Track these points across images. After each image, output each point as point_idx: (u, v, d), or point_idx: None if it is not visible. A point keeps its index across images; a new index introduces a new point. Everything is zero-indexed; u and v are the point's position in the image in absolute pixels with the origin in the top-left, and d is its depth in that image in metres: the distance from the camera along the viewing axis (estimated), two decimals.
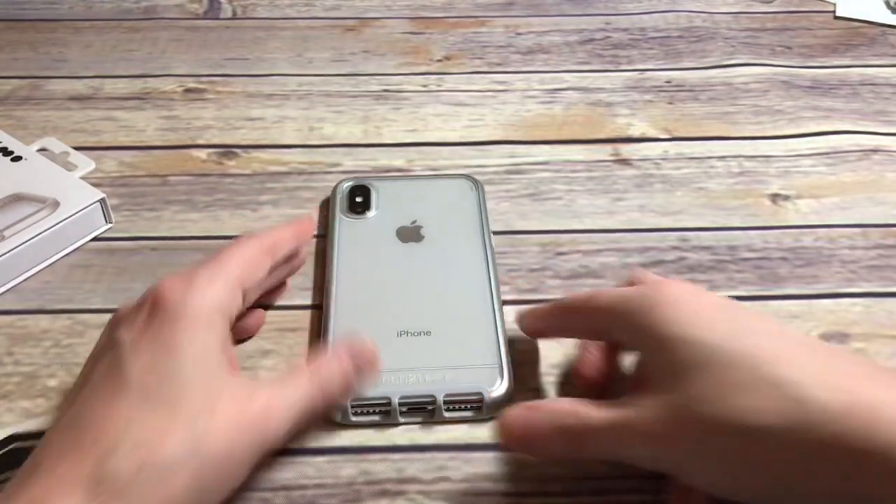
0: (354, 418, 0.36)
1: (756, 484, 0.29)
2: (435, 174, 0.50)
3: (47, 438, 0.30)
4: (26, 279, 0.43)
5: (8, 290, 0.43)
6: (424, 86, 0.57)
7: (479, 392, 0.36)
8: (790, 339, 0.31)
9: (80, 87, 0.57)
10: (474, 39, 0.62)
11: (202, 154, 0.51)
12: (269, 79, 0.58)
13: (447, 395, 0.36)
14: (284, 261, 0.39)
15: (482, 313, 0.40)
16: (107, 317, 0.41)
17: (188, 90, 0.56)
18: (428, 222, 0.45)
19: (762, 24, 0.64)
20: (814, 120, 0.55)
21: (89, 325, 0.41)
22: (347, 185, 0.47)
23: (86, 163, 0.50)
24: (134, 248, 0.45)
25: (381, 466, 0.35)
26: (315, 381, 0.34)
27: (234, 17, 0.64)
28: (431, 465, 0.35)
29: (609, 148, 0.52)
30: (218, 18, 0.64)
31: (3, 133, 0.50)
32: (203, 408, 0.30)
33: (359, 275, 0.42)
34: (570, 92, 0.57)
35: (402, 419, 0.37)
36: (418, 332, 0.39)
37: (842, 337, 0.41)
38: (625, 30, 0.63)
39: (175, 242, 0.46)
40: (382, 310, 0.40)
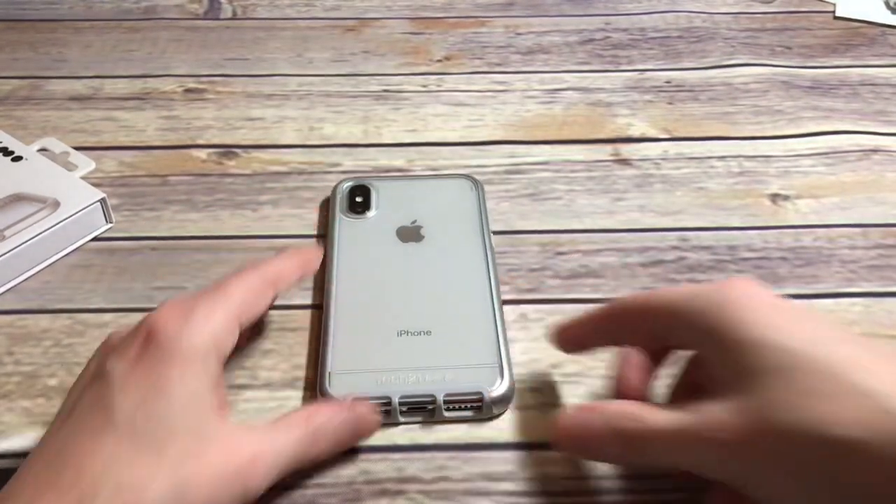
0: None
1: (834, 502, 0.27)
2: (435, 174, 0.50)
3: (27, 468, 0.30)
4: (26, 279, 0.43)
5: (8, 289, 0.43)
6: (424, 86, 0.57)
7: (479, 392, 0.37)
8: (876, 349, 0.29)
9: (80, 87, 0.57)
10: (474, 39, 0.62)
11: (202, 154, 0.51)
12: (270, 79, 0.58)
13: (447, 395, 0.36)
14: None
15: (482, 313, 0.40)
16: (107, 317, 0.42)
17: (188, 90, 0.56)
18: (428, 222, 0.45)
19: (762, 25, 0.64)
20: (814, 120, 0.55)
21: (89, 324, 0.41)
22: (347, 185, 0.47)
23: (86, 163, 0.50)
24: (134, 248, 0.45)
25: (381, 466, 0.35)
26: (308, 430, 0.33)
27: (234, 18, 0.64)
28: (431, 465, 0.35)
29: (609, 148, 0.52)
30: (218, 19, 0.64)
31: (4, 133, 0.50)
32: (190, 453, 0.30)
33: (359, 275, 0.42)
34: (570, 92, 0.57)
35: (402, 419, 0.37)
36: (418, 332, 0.39)
37: None
38: (625, 30, 0.63)
39: (175, 242, 0.46)
40: (382, 310, 0.40)
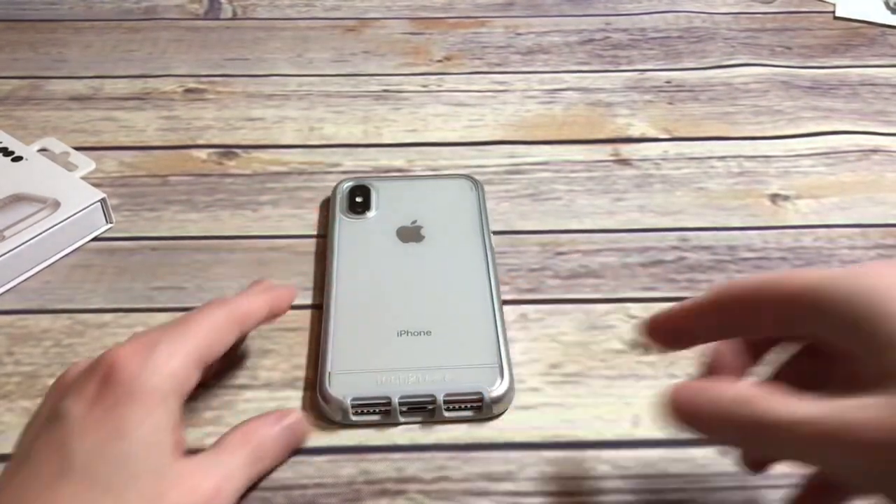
0: (354, 418, 0.36)
1: None
2: (435, 174, 0.50)
3: None
4: (27, 279, 0.43)
5: (8, 290, 0.43)
6: (424, 86, 0.57)
7: (479, 392, 0.37)
8: None
9: (80, 87, 0.57)
10: (474, 40, 0.62)
11: (202, 154, 0.51)
12: (270, 79, 0.58)
13: (447, 395, 0.36)
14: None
15: (482, 313, 0.40)
16: (107, 317, 0.42)
17: (188, 90, 0.56)
18: (428, 222, 0.45)
19: (762, 25, 0.64)
20: (813, 120, 0.55)
21: (89, 324, 0.41)
22: (347, 185, 0.47)
23: (86, 163, 0.50)
24: (134, 248, 0.45)
25: (381, 466, 0.35)
26: (250, 450, 0.33)
27: (234, 18, 0.64)
28: (431, 465, 0.35)
29: (609, 148, 0.52)
30: (218, 19, 0.64)
31: (4, 133, 0.50)
32: (152, 496, 0.29)
33: (359, 275, 0.42)
34: (570, 92, 0.57)
35: (402, 419, 0.37)
36: (418, 332, 0.39)
37: None
38: (625, 30, 0.63)
39: (175, 242, 0.46)
40: (382, 310, 0.40)
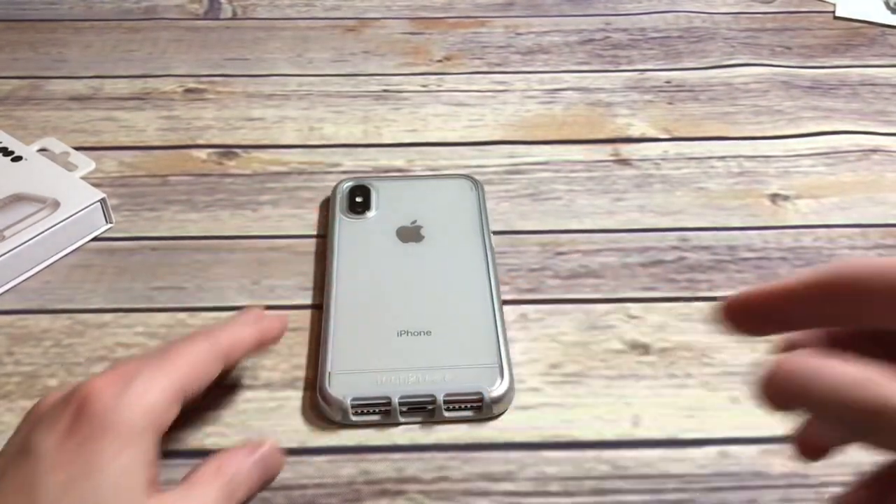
0: (354, 418, 0.36)
1: None
2: (435, 174, 0.50)
3: None
4: (27, 279, 0.43)
5: (8, 290, 0.43)
6: (424, 86, 0.57)
7: (479, 392, 0.37)
8: None
9: (80, 87, 0.57)
10: (474, 39, 0.62)
11: (202, 154, 0.51)
12: (270, 79, 0.58)
13: (447, 395, 0.36)
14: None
15: (482, 313, 0.40)
16: (107, 317, 0.42)
17: (188, 90, 0.56)
18: (428, 222, 0.45)
19: (762, 25, 0.64)
20: (813, 120, 0.55)
21: (89, 324, 0.41)
22: (347, 185, 0.47)
23: (86, 163, 0.50)
24: (134, 248, 0.45)
25: (381, 466, 0.35)
26: (223, 483, 0.31)
27: (234, 18, 0.64)
28: (431, 465, 0.35)
29: (609, 148, 0.52)
30: (218, 19, 0.64)
31: (3, 133, 0.50)
32: None
33: (359, 275, 0.42)
34: (569, 92, 0.57)
35: (402, 419, 0.37)
36: (418, 332, 0.39)
37: None
38: (625, 30, 0.63)
39: (175, 242, 0.46)
40: (382, 310, 0.40)
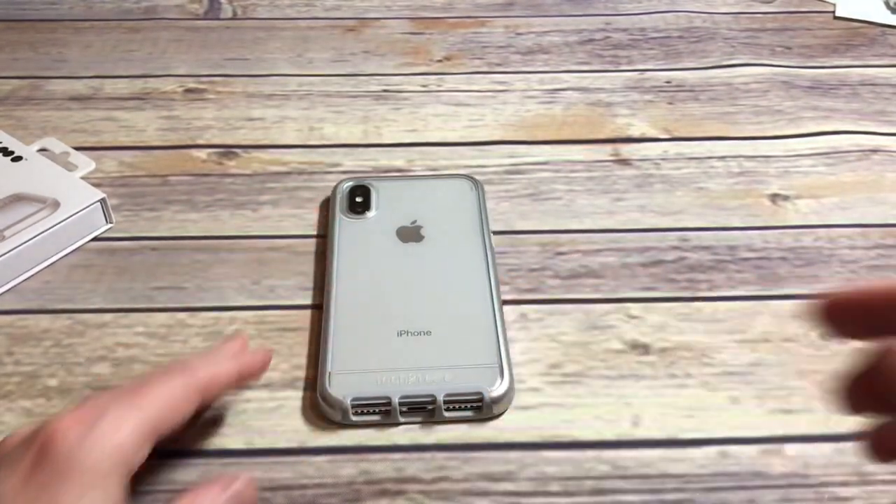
0: (354, 418, 0.36)
1: None
2: (435, 174, 0.50)
3: None
4: (27, 279, 0.43)
5: (8, 290, 0.43)
6: (424, 86, 0.57)
7: (479, 392, 0.37)
8: None
9: (80, 87, 0.57)
10: (474, 39, 0.62)
11: (202, 154, 0.51)
12: (270, 79, 0.58)
13: (447, 395, 0.36)
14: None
15: (482, 313, 0.40)
16: (107, 317, 0.42)
17: (188, 90, 0.56)
18: (428, 222, 0.45)
19: (762, 24, 0.64)
20: (814, 120, 0.55)
21: (89, 325, 0.41)
22: (347, 185, 0.47)
23: (86, 163, 0.50)
24: (134, 248, 0.45)
25: (381, 466, 0.35)
26: None
27: (234, 18, 0.64)
28: (431, 465, 0.35)
29: (609, 148, 0.52)
30: (218, 19, 0.64)
31: (4, 133, 0.50)
32: None
33: (359, 275, 0.42)
34: (570, 92, 0.57)
35: (402, 419, 0.37)
36: (418, 332, 0.39)
37: None
38: (625, 30, 0.63)
39: (175, 242, 0.46)
40: (382, 310, 0.40)
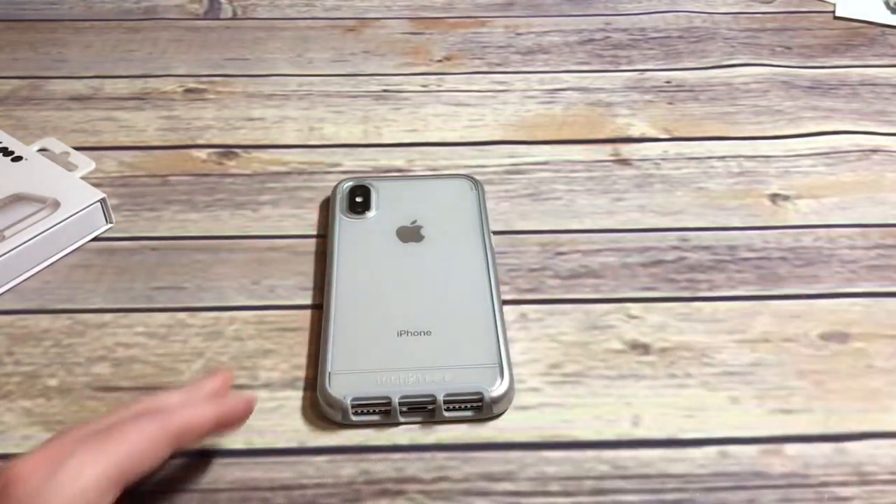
0: (354, 418, 0.36)
1: None
2: (435, 174, 0.50)
3: None
4: (27, 279, 0.43)
5: (8, 290, 0.43)
6: (424, 86, 0.57)
7: (479, 392, 0.37)
8: None
9: (80, 87, 0.57)
10: (474, 39, 0.62)
11: (202, 154, 0.51)
12: (270, 79, 0.58)
13: (447, 395, 0.36)
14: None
15: (482, 313, 0.40)
16: (107, 317, 0.42)
17: (188, 90, 0.56)
18: (428, 222, 0.45)
19: (762, 25, 0.64)
20: (814, 120, 0.55)
21: (89, 325, 0.41)
22: (347, 185, 0.47)
23: (86, 163, 0.50)
24: (134, 248, 0.45)
25: (381, 466, 0.35)
26: None
27: (234, 18, 0.64)
28: (431, 465, 0.35)
29: (609, 148, 0.52)
30: (218, 19, 0.64)
31: (4, 133, 0.50)
32: None
33: (359, 275, 0.42)
34: (569, 92, 0.57)
35: (402, 419, 0.37)
36: (418, 332, 0.39)
37: (842, 337, 0.41)
38: (625, 30, 0.63)
39: (175, 242, 0.46)
40: (382, 310, 0.40)
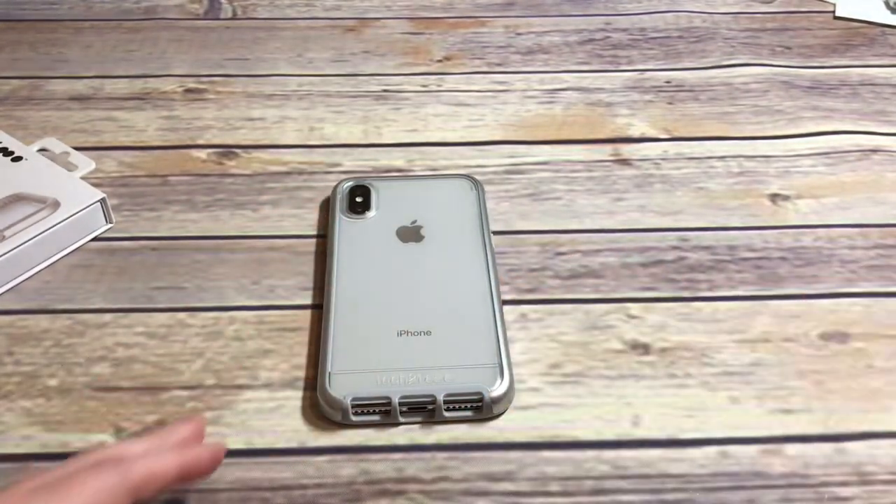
0: (354, 418, 0.36)
1: None
2: (435, 174, 0.50)
3: None
4: (27, 279, 0.43)
5: (8, 290, 0.43)
6: (424, 86, 0.57)
7: (479, 392, 0.37)
8: None
9: (80, 87, 0.57)
10: (474, 39, 0.62)
11: (202, 154, 0.51)
12: (270, 79, 0.58)
13: (447, 395, 0.36)
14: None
15: (482, 313, 0.40)
16: (107, 317, 0.42)
17: (188, 90, 0.56)
18: (428, 222, 0.45)
19: (762, 24, 0.64)
20: (813, 120, 0.55)
21: (89, 325, 0.41)
22: (347, 185, 0.47)
23: (86, 163, 0.50)
24: (134, 248, 0.45)
25: (381, 466, 0.35)
26: None
27: (234, 18, 0.64)
28: (431, 465, 0.35)
29: (609, 148, 0.52)
30: (218, 19, 0.64)
31: (4, 133, 0.50)
32: None
33: (359, 275, 0.42)
34: (569, 92, 0.57)
35: (402, 419, 0.37)
36: (418, 332, 0.39)
37: (842, 337, 0.41)
38: (625, 30, 0.63)
39: (175, 242, 0.46)
40: (382, 310, 0.40)
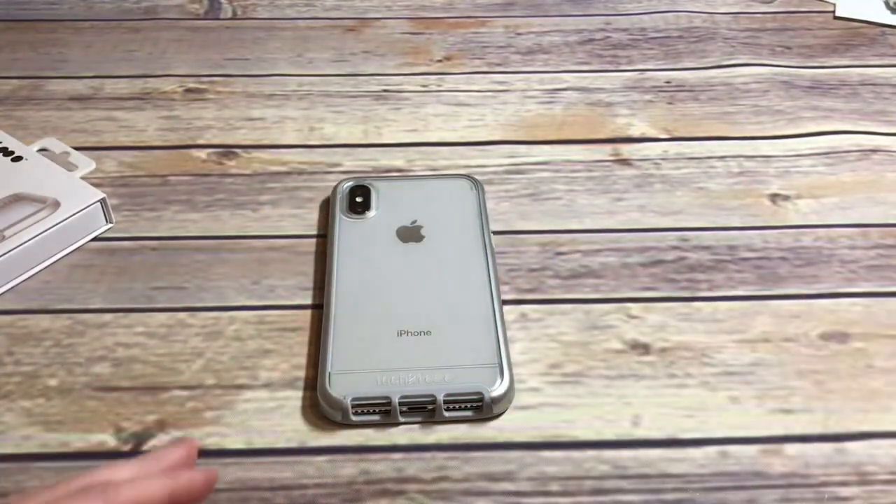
0: (354, 418, 0.36)
1: None
2: (435, 174, 0.50)
3: None
4: (27, 279, 0.43)
5: (8, 290, 0.43)
6: (424, 86, 0.57)
7: (479, 392, 0.37)
8: None
9: (80, 87, 0.57)
10: (474, 39, 0.62)
11: (202, 154, 0.51)
12: (270, 79, 0.58)
13: (447, 395, 0.36)
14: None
15: (482, 313, 0.40)
16: (107, 317, 0.42)
17: (188, 90, 0.56)
18: (428, 222, 0.45)
19: (762, 24, 0.64)
20: (813, 120, 0.55)
21: (90, 325, 0.41)
22: (347, 185, 0.47)
23: (86, 163, 0.50)
24: (134, 248, 0.45)
25: (381, 466, 0.35)
26: None
27: (234, 18, 0.64)
28: (431, 465, 0.35)
29: (609, 148, 0.52)
30: (218, 19, 0.64)
31: (4, 133, 0.50)
32: None
33: (359, 275, 0.42)
34: (569, 92, 0.57)
35: (402, 419, 0.37)
36: (418, 332, 0.39)
37: (842, 337, 0.41)
38: (625, 30, 0.63)
39: (175, 242, 0.46)
40: (382, 310, 0.40)
